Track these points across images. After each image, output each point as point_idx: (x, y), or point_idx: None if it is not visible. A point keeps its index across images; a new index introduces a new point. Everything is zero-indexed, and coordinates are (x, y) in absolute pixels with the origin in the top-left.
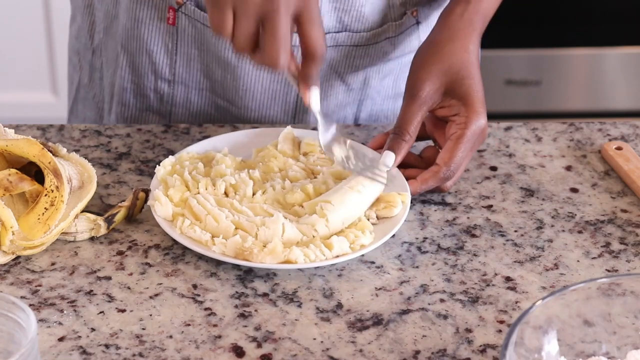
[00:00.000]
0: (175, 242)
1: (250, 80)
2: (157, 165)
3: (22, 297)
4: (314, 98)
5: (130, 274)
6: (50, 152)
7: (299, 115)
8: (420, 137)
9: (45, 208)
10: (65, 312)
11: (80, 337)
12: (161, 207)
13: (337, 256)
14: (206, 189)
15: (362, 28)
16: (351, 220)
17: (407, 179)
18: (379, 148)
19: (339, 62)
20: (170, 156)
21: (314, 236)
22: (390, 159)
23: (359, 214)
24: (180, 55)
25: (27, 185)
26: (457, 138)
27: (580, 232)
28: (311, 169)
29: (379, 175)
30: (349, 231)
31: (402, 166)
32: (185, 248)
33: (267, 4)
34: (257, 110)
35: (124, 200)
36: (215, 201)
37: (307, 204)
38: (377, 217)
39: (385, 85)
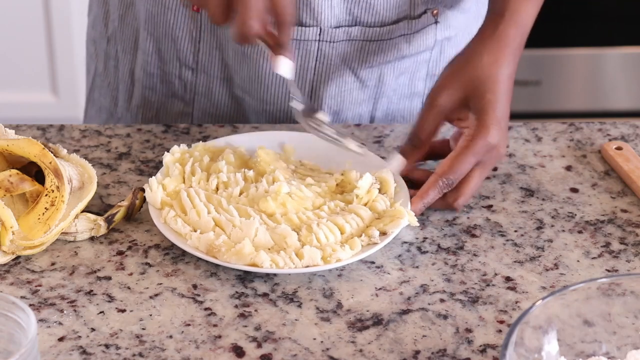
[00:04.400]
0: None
1: (265, 72)
2: (159, 163)
3: (22, 297)
4: (282, 66)
5: (130, 274)
6: (51, 152)
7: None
8: (444, 155)
9: (45, 208)
10: (65, 312)
11: (80, 337)
12: (151, 194)
13: (308, 266)
14: (199, 183)
15: (374, 22)
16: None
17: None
18: None
19: (352, 57)
20: (182, 144)
21: (285, 248)
22: (396, 161)
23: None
24: (204, 44)
25: (28, 186)
26: (461, 149)
27: (580, 232)
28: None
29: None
30: (327, 245)
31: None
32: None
33: None
34: (272, 103)
35: (123, 200)
36: (205, 196)
37: (285, 217)
38: (382, 233)
39: (401, 83)
